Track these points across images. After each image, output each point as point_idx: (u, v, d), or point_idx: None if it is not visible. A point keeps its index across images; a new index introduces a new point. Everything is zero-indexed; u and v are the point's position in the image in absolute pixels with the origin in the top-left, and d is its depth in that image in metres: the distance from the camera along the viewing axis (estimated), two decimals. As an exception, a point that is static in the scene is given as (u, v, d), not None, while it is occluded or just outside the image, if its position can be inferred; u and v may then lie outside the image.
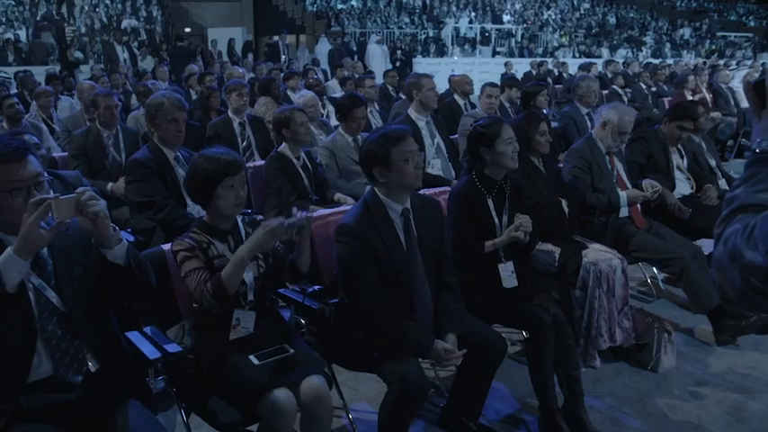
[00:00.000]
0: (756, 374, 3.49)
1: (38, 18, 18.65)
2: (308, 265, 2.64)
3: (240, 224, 2.59)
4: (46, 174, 2.13)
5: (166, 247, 2.77)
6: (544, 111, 5.68)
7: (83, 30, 18.65)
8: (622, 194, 3.94)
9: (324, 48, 16.23)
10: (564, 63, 14.34)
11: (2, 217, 2.02)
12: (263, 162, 4.60)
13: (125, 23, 18.96)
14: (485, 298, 3.05)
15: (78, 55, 16.33)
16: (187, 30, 22.81)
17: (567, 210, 3.69)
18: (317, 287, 2.95)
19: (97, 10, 19.97)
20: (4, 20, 18.21)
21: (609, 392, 3.32)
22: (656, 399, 3.26)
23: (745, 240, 1.08)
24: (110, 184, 4.65)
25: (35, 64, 15.17)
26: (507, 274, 3.12)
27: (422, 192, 3.15)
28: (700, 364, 3.60)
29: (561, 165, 4.18)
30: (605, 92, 8.60)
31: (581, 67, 11.13)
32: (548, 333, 2.94)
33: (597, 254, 3.53)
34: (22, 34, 17.48)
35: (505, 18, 23.38)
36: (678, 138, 4.48)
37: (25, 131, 3.83)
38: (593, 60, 14.10)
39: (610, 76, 10.46)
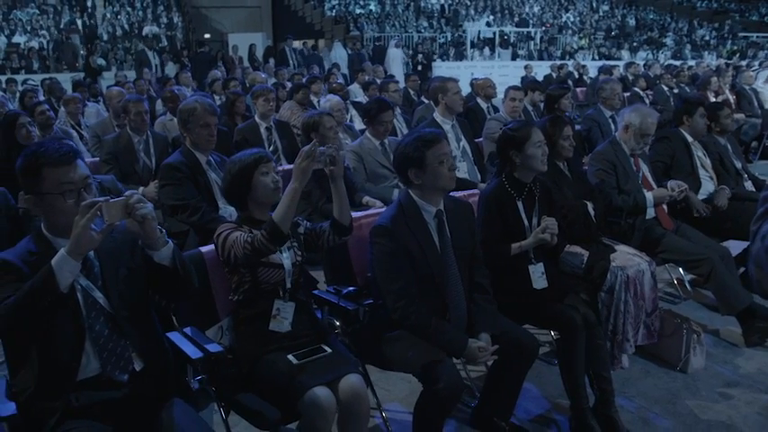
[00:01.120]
0: (786, 376, 3.50)
1: (61, 26, 18.98)
2: (349, 217, 2.74)
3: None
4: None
5: (204, 249, 2.85)
6: (566, 113, 5.70)
7: (105, 37, 18.93)
8: (648, 195, 3.95)
9: (338, 53, 16.31)
10: (584, 66, 14.31)
11: (53, 219, 2.10)
12: (290, 166, 4.65)
13: (146, 30, 19.19)
14: (516, 299, 3.08)
15: (101, 62, 16.60)
16: (207, 36, 23.09)
17: (593, 212, 3.71)
18: (351, 288, 3.00)
19: (119, 17, 20.28)
20: (28, 28, 18.53)
21: (638, 393, 3.34)
22: (686, 399, 3.28)
23: None
24: (141, 189, 4.74)
25: (59, 71, 15.44)
26: (538, 275, 3.15)
27: (451, 195, 3.19)
28: (729, 365, 3.61)
29: (586, 168, 4.20)
30: (627, 94, 8.59)
31: (602, 70, 11.11)
32: (579, 333, 2.96)
33: (625, 258, 3.54)
34: (46, 43, 17.77)
35: (517, 20, 23.38)
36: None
37: (62, 137, 3.93)
38: (613, 63, 14.06)
39: (631, 78, 10.45)
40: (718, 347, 3.79)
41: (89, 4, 20.53)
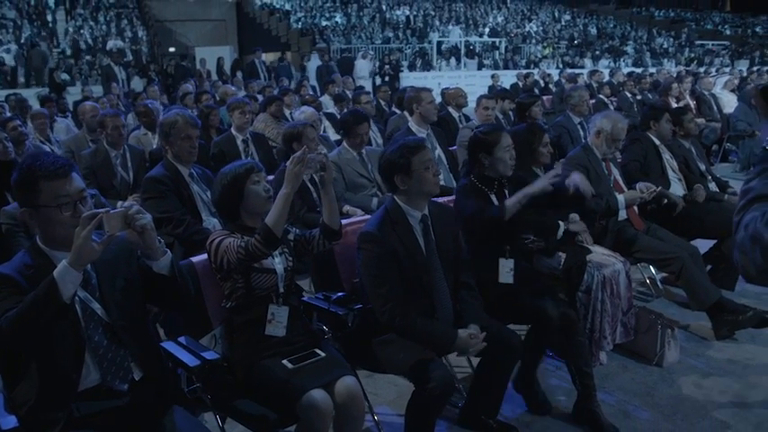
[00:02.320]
0: (755, 365, 3.66)
1: (21, 41, 18.71)
2: (338, 222, 2.81)
3: None
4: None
5: (195, 259, 2.89)
6: (537, 120, 5.86)
7: (68, 52, 18.70)
8: (620, 197, 4.10)
9: (315, 64, 16.42)
10: (550, 74, 14.62)
11: (50, 232, 2.12)
12: (270, 177, 4.71)
13: (110, 44, 19.02)
14: (498, 297, 3.18)
15: (65, 77, 16.40)
16: (172, 49, 22.98)
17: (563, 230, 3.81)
18: (340, 294, 3.07)
19: (82, 32, 20.05)
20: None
21: (618, 387, 3.47)
22: (663, 391, 3.42)
23: (764, 224, 1.27)
24: (120, 203, 4.74)
25: (28, 86, 15.23)
26: (506, 270, 3.25)
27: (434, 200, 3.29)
28: (701, 358, 3.77)
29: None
30: (592, 101, 8.81)
31: (567, 78, 11.38)
32: (551, 329, 3.08)
33: (601, 258, 3.69)
34: (7, 58, 17.49)
35: (488, 31, 23.77)
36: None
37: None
38: (577, 71, 14.39)
39: (595, 85, 10.71)
40: (691, 341, 3.95)
41: (50, 18, 20.26)
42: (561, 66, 19.87)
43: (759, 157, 1.44)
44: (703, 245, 4.36)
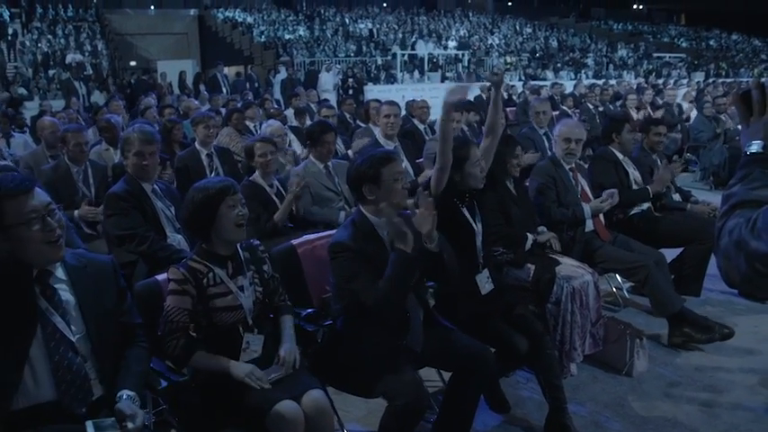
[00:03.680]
0: (722, 374, 3.71)
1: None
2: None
3: (239, 250, 2.65)
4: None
5: (160, 277, 2.81)
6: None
7: (25, 66, 18.29)
8: (586, 207, 4.13)
9: (282, 78, 16.38)
10: (513, 86, 14.79)
11: (21, 250, 2.06)
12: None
13: (69, 58, 18.67)
14: (469, 314, 3.16)
15: (22, 91, 16.02)
16: (133, 63, 22.66)
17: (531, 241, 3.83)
18: (310, 310, 3.02)
19: (39, 45, 19.66)
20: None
21: (589, 398, 3.48)
22: (633, 401, 3.44)
23: (749, 231, 1.27)
24: (76, 212, 4.61)
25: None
26: (484, 281, 3.25)
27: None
28: (669, 367, 3.80)
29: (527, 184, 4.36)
30: (555, 113, 8.94)
31: (531, 90, 11.52)
32: (517, 360, 3.15)
33: (569, 269, 3.70)
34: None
35: (451, 44, 23.98)
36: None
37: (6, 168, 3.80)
38: (540, 83, 14.58)
39: (557, 97, 10.87)
40: (659, 350, 3.99)
41: (9, 31, 19.83)
42: (524, 78, 20.12)
43: (741, 163, 1.44)
44: (669, 254, 4.41)
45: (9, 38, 19.60)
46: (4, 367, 2.03)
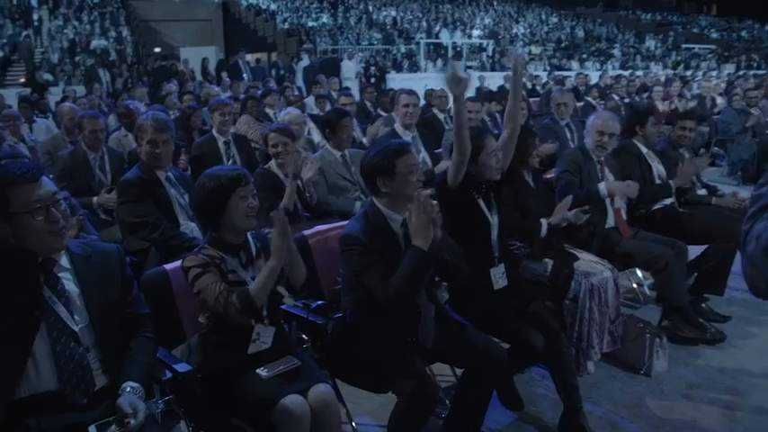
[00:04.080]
0: (744, 376, 3.59)
1: (4, 40, 18.47)
2: (301, 281, 2.69)
3: (250, 239, 2.61)
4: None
5: (168, 266, 2.79)
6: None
7: (52, 52, 18.46)
8: (602, 185, 3.96)
9: (305, 65, 16.32)
10: (537, 76, 14.58)
11: (23, 239, 2.05)
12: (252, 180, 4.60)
13: (94, 44, 18.82)
14: (482, 310, 3.10)
15: (48, 77, 16.18)
16: (157, 49, 22.76)
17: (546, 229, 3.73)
18: (320, 302, 2.98)
19: (65, 31, 19.82)
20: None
21: (605, 397, 3.39)
22: (651, 402, 3.34)
23: None
24: (94, 199, 4.62)
25: (5, 87, 15.00)
26: (498, 275, 3.17)
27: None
28: (690, 367, 3.70)
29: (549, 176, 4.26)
30: (580, 104, 8.78)
31: (555, 81, 11.34)
32: (532, 357, 3.04)
33: (588, 265, 3.61)
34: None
35: (475, 33, 23.75)
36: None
37: (14, 154, 3.80)
38: (565, 73, 14.37)
39: (582, 88, 10.68)
40: (680, 350, 3.87)
41: (35, 17, 20.01)
42: (549, 68, 19.86)
43: None
44: (691, 251, 4.29)
45: (36, 24, 19.78)
46: (7, 356, 2.01)
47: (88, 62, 16.25)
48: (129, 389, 2.11)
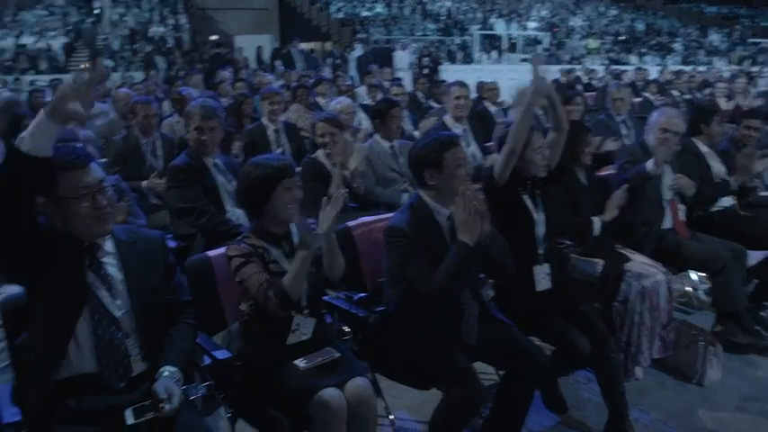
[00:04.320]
0: (805, 389, 3.42)
1: (69, 27, 19.02)
2: (338, 275, 2.66)
3: (294, 230, 2.59)
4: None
5: (211, 253, 2.80)
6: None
7: (113, 38, 18.94)
8: (650, 161, 3.73)
9: (358, 55, 16.33)
10: (593, 70, 14.22)
11: (68, 222, 2.07)
12: (300, 169, 4.60)
13: (152, 31, 19.22)
14: (527, 309, 3.01)
15: (108, 63, 16.59)
16: (214, 37, 23.09)
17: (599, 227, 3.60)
18: (362, 294, 2.95)
19: (125, 19, 20.29)
20: (37, 30, 18.55)
21: (653, 406, 3.27)
22: (703, 413, 3.21)
23: None
24: (143, 183, 4.69)
25: (68, 72, 15.44)
26: (542, 276, 3.07)
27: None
28: (746, 379, 3.54)
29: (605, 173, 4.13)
30: (638, 100, 8.51)
31: (612, 75, 11.05)
32: (577, 361, 2.96)
33: (640, 267, 3.47)
34: (55, 44, 17.79)
35: (531, 24, 23.32)
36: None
37: (71, 138, 3.88)
38: (622, 67, 13.98)
39: (640, 84, 10.36)
40: (735, 360, 3.71)
41: (97, 5, 20.55)
42: (606, 62, 19.36)
43: None
44: (753, 256, 4.09)
45: (97, 11, 20.32)
46: (51, 338, 2.05)
47: (146, 49, 16.58)
48: (166, 373, 2.12)
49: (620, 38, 23.81)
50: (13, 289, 2.29)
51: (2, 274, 2.21)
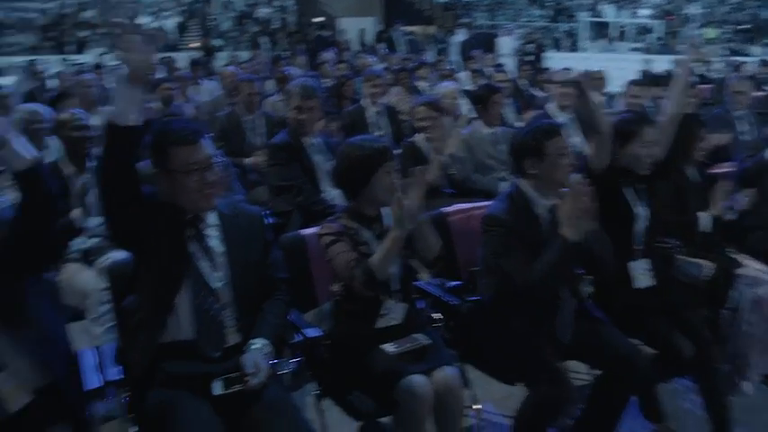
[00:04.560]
0: None
1: (183, 8, 19.84)
2: (434, 253, 2.57)
3: (384, 212, 2.57)
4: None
5: (305, 231, 2.84)
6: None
7: (221, 19, 19.61)
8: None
9: (460, 39, 16.13)
10: (710, 61, 13.39)
11: (174, 195, 2.12)
12: (398, 151, 4.59)
13: (259, 12, 19.75)
14: (626, 307, 2.87)
15: (217, 42, 17.22)
16: (319, 19, 23.40)
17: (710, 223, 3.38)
18: (456, 282, 2.91)
19: (234, 0, 20.94)
20: (152, 10, 19.47)
21: (763, 425, 3.05)
22: (821, 438, 2.96)
23: None
24: (246, 159, 4.82)
25: (179, 50, 16.13)
26: (640, 271, 2.91)
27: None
28: None
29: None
30: (759, 94, 7.93)
31: (733, 67, 10.38)
32: (682, 369, 2.80)
33: (755, 273, 3.23)
34: (168, 23, 18.61)
35: (643, 12, 22.25)
36: None
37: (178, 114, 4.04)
38: (742, 59, 13.10)
39: (764, 76, 9.68)
40: None
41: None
42: (727, 52, 18.21)
43: None
44: None
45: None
46: (155, 305, 2.12)
47: (253, 29, 17.05)
48: (256, 345, 2.15)
49: (741, 27, 22.31)
50: (120, 254, 2.40)
51: (110, 240, 2.31)
